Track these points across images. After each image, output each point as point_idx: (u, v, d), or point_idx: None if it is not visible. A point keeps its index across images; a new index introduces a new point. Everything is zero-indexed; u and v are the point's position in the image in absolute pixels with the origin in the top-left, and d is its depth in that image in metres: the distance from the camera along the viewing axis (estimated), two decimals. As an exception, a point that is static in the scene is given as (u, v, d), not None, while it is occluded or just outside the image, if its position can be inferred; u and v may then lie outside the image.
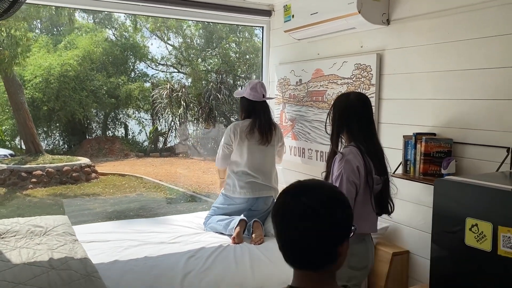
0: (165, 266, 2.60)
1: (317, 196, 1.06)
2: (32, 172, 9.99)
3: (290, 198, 1.08)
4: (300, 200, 1.05)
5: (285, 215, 1.06)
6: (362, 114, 2.14)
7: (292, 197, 1.07)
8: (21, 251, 2.62)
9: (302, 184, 1.10)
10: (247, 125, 3.32)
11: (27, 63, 12.04)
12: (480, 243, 1.68)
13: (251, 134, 3.30)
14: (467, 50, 2.33)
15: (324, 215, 1.03)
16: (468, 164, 2.35)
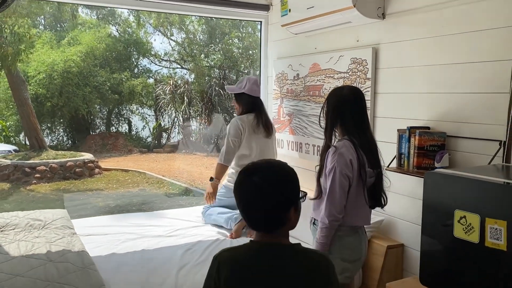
0: (161, 259, 2.63)
1: (265, 176, 1.28)
2: (36, 167, 10.07)
3: (244, 177, 1.31)
4: (252, 180, 1.28)
5: (241, 192, 1.31)
6: (356, 108, 2.15)
7: (246, 177, 1.30)
8: (20, 244, 2.66)
9: (254, 165, 1.33)
10: (252, 119, 3.41)
11: (31, 59, 12.09)
12: (468, 235, 1.70)
13: (258, 128, 3.41)
14: (461, 44, 2.33)
15: (271, 192, 1.26)
16: (462, 157, 2.36)
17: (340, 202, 2.02)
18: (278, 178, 1.29)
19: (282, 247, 1.29)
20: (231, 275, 1.25)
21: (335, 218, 2.02)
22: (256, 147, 3.39)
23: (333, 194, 2.02)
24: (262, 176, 1.28)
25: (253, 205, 1.28)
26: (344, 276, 2.11)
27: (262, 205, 1.27)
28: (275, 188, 1.27)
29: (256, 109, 3.45)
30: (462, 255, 1.75)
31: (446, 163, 2.33)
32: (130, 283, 2.32)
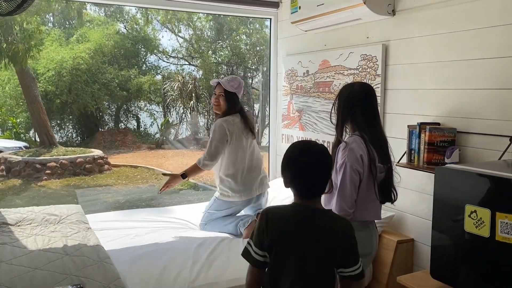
0: (175, 253, 2.68)
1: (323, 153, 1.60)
2: (47, 163, 10.18)
3: (305, 153, 1.59)
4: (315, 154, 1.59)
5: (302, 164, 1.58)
6: (366, 103, 2.17)
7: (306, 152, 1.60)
8: (37, 238, 2.73)
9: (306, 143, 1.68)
10: (239, 121, 3.16)
11: (40, 56, 12.20)
12: (478, 229, 1.72)
13: (246, 131, 3.17)
14: (471, 40, 2.35)
15: (327, 165, 1.62)
16: (472, 153, 2.38)
17: (351, 197, 2.05)
18: (328, 155, 1.63)
19: (318, 210, 1.63)
20: (278, 228, 1.56)
21: (346, 213, 2.05)
22: (246, 151, 3.17)
23: (344, 189, 2.05)
24: (320, 152, 1.60)
25: (313, 176, 1.58)
26: (355, 270, 2.14)
27: (320, 176, 1.60)
28: (329, 162, 1.63)
29: (241, 110, 3.22)
30: (473, 249, 1.78)
31: (456, 158, 2.35)
32: (145, 276, 2.37)
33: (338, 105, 2.23)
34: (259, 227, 1.58)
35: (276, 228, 1.56)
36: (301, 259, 1.55)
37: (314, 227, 1.57)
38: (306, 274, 1.55)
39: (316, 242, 1.55)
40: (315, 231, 1.57)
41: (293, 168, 1.60)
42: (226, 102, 3.16)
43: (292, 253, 1.55)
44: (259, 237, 1.58)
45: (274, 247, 1.56)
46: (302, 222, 1.58)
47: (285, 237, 1.56)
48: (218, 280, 2.41)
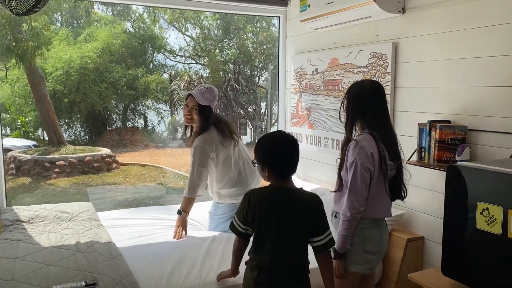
0: (186, 250, 2.70)
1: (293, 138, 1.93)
2: (55, 162, 10.26)
3: (282, 140, 1.90)
4: (290, 140, 1.91)
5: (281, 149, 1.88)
6: (376, 101, 2.17)
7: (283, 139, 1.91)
8: (50, 235, 2.76)
9: (280, 132, 1.99)
10: (216, 134, 2.95)
11: (48, 56, 12.30)
12: (490, 227, 1.73)
13: (227, 140, 2.97)
14: (482, 38, 2.34)
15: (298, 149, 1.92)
16: (483, 150, 2.37)
17: (362, 195, 2.05)
18: (296, 144, 1.92)
19: (291, 189, 1.91)
20: (258, 204, 1.87)
21: (357, 211, 2.06)
22: (231, 159, 3.00)
23: (355, 187, 2.05)
24: (292, 138, 1.91)
25: (290, 158, 1.89)
26: (366, 268, 2.15)
27: (296, 158, 1.90)
28: (298, 150, 1.92)
29: (214, 120, 2.99)
30: (485, 246, 1.78)
31: (467, 156, 2.35)
32: (157, 272, 2.39)
33: (347, 103, 2.22)
34: (242, 206, 1.92)
35: (257, 206, 1.86)
36: (279, 232, 1.84)
37: (288, 203, 1.86)
38: (284, 244, 1.85)
39: (291, 216, 1.85)
40: (289, 206, 1.86)
41: (272, 154, 1.88)
42: (200, 116, 2.90)
43: (271, 227, 1.85)
44: (242, 214, 1.92)
45: (257, 222, 1.87)
46: (278, 200, 1.88)
47: (265, 214, 1.86)
48: (230, 277, 2.42)
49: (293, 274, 1.88)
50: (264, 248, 1.86)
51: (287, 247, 1.85)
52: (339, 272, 2.13)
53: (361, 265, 2.14)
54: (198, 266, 2.49)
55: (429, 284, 2.01)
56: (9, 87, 13.41)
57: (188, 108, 2.92)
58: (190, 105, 2.92)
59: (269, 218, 1.86)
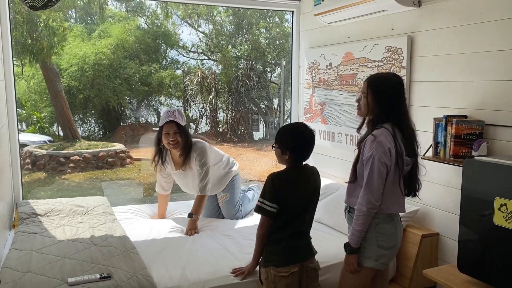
0: (199, 244, 2.72)
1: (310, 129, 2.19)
2: (70, 157, 10.38)
3: (303, 130, 2.17)
4: (308, 129, 2.18)
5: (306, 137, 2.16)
6: (400, 95, 2.14)
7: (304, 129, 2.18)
8: (65, 228, 2.80)
9: (299, 123, 2.30)
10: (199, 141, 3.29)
11: (64, 52, 12.42)
12: (508, 223, 1.70)
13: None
14: (499, 31, 2.30)
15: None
16: (500, 146, 2.33)
17: (378, 190, 2.03)
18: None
19: (307, 166, 2.25)
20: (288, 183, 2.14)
21: (373, 206, 2.04)
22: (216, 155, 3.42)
23: (371, 181, 2.03)
24: (311, 129, 2.19)
25: (310, 146, 2.17)
26: (380, 263, 2.13)
27: (312, 147, 2.18)
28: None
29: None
30: (502, 242, 1.75)
31: (484, 151, 2.31)
32: (171, 266, 2.40)
33: (375, 98, 2.12)
34: (270, 187, 2.12)
35: (287, 184, 2.13)
36: (307, 202, 2.19)
37: (311, 179, 2.20)
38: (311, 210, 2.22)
39: (313, 187, 2.21)
40: (312, 182, 2.20)
41: (295, 140, 2.14)
42: (183, 136, 3.10)
43: (301, 199, 2.16)
44: (271, 194, 2.11)
45: (290, 198, 2.12)
46: (304, 178, 2.19)
47: (295, 188, 2.14)
48: (243, 271, 2.43)
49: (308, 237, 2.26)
50: (300, 218, 2.16)
51: (312, 212, 2.22)
52: (353, 267, 2.11)
53: (375, 260, 2.12)
54: (212, 260, 2.50)
55: (444, 280, 1.99)
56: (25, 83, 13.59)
57: (171, 134, 3.06)
58: (172, 132, 3.06)
59: (298, 191, 2.15)
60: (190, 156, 3.16)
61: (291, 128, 2.26)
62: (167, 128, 3.06)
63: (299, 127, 2.20)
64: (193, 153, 3.17)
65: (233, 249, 2.68)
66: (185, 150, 3.13)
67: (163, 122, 3.07)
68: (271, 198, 2.11)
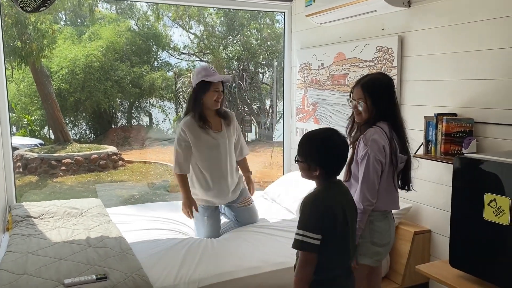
0: (194, 244, 2.73)
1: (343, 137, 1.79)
2: (62, 160, 10.32)
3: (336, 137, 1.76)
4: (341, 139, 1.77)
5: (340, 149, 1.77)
6: (393, 94, 2.18)
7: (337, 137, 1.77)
8: (60, 230, 2.80)
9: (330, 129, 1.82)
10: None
11: (53, 55, 12.34)
12: (498, 218, 1.74)
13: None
14: (488, 30, 2.35)
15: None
16: (489, 143, 2.38)
17: (374, 187, 2.07)
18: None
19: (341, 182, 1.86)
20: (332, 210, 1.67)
21: (370, 203, 2.07)
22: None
23: (367, 179, 2.06)
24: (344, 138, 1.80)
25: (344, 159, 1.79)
26: (374, 260, 2.17)
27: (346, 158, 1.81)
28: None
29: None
30: (492, 237, 1.79)
31: (473, 149, 2.36)
32: (166, 266, 2.42)
33: (373, 101, 2.14)
34: (314, 216, 1.66)
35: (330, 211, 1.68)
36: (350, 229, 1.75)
37: (348, 196, 1.83)
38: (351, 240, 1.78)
39: (351, 207, 1.81)
40: (350, 199, 1.83)
41: (330, 150, 1.74)
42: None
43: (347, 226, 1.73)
44: (315, 223, 1.65)
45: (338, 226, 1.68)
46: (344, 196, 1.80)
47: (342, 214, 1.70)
48: (238, 269, 2.45)
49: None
50: (345, 251, 1.74)
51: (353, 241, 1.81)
52: (353, 265, 2.14)
53: (369, 257, 2.15)
54: (205, 260, 2.52)
55: (437, 275, 2.02)
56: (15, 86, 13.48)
57: (219, 92, 2.94)
58: (220, 89, 2.95)
59: (345, 217, 1.71)
60: (227, 113, 3.06)
61: (321, 138, 1.76)
62: (217, 86, 2.91)
63: (332, 136, 1.76)
64: (228, 111, 3.10)
65: (229, 248, 2.70)
66: (221, 107, 3.03)
67: (216, 80, 2.89)
68: (314, 227, 1.64)
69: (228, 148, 3.04)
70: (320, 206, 1.67)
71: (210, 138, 2.96)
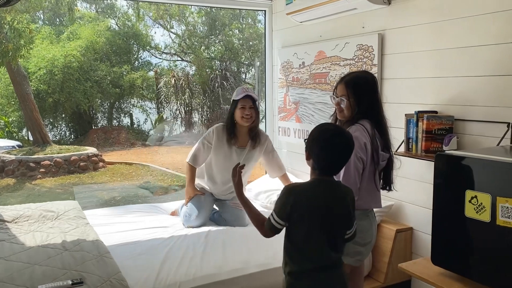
0: (173, 247, 2.68)
1: (348, 136, 1.77)
2: (40, 162, 10.10)
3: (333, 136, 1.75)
4: (341, 138, 1.75)
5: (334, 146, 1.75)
6: (376, 92, 2.16)
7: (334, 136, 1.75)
8: (35, 234, 2.71)
9: (336, 126, 1.91)
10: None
11: (31, 55, 12.07)
12: (479, 214, 1.73)
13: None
14: (467, 27, 2.35)
15: (352, 148, 1.78)
16: (470, 140, 2.39)
17: (355, 185, 2.04)
18: (353, 141, 1.78)
19: (335, 182, 1.81)
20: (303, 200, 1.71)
21: None
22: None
23: (348, 177, 2.04)
24: (349, 137, 1.76)
25: (340, 157, 1.76)
26: (356, 259, 2.15)
27: (345, 158, 1.77)
28: (353, 147, 1.78)
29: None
30: (474, 234, 1.79)
31: (454, 146, 2.36)
32: (146, 269, 2.36)
33: (356, 99, 2.12)
34: (282, 202, 1.73)
35: (301, 201, 1.70)
36: (328, 227, 1.72)
37: (336, 197, 1.76)
38: (333, 239, 1.75)
39: (338, 210, 1.75)
40: (337, 200, 1.76)
41: (323, 147, 1.74)
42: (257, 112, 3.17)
43: (320, 223, 1.71)
44: (282, 210, 1.72)
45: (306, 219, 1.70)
46: (320, 193, 1.75)
47: (313, 208, 1.71)
48: (219, 271, 2.40)
49: (339, 269, 1.80)
50: (322, 247, 1.72)
51: (336, 241, 1.76)
52: None
53: (351, 256, 2.13)
54: (186, 262, 2.47)
55: (419, 273, 2.01)
56: (-9, 86, 13.17)
57: (246, 108, 3.09)
58: (248, 106, 3.09)
59: (318, 213, 1.71)
60: (259, 136, 3.22)
61: (323, 135, 1.77)
62: (244, 102, 3.09)
63: (332, 138, 1.75)
64: (262, 135, 3.26)
65: (211, 249, 2.66)
66: (255, 128, 3.20)
67: (240, 97, 3.09)
68: (279, 212, 1.73)
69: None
70: (290, 197, 1.71)
71: (229, 150, 3.18)
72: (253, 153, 3.23)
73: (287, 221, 1.73)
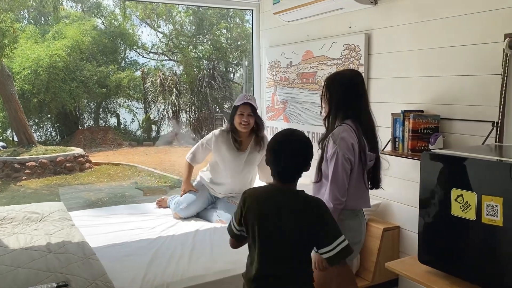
0: (161, 248, 2.66)
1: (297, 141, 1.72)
2: (26, 163, 9.96)
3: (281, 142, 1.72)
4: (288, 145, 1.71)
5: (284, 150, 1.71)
6: (359, 90, 2.15)
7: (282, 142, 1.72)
8: (19, 236, 2.67)
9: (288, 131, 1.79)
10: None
11: (15, 54, 11.89)
12: (465, 213, 1.74)
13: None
14: (453, 27, 2.37)
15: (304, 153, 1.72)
16: (455, 139, 2.40)
17: (343, 185, 2.04)
18: (307, 146, 1.73)
19: (290, 191, 1.72)
20: (252, 205, 1.69)
21: (339, 202, 2.04)
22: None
23: (336, 177, 2.03)
24: (299, 142, 1.72)
25: (288, 163, 1.69)
26: (345, 259, 2.14)
27: (294, 164, 1.71)
28: (306, 153, 1.72)
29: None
30: (460, 232, 1.80)
31: (440, 145, 2.38)
32: (132, 271, 2.33)
33: (330, 94, 2.15)
34: (238, 205, 1.76)
35: (251, 206, 1.70)
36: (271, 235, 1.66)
37: (285, 205, 1.68)
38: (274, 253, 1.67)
39: (287, 219, 1.65)
40: (286, 209, 1.67)
41: (273, 154, 1.72)
42: (256, 119, 3.29)
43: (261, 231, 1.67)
44: (237, 214, 1.76)
45: (250, 222, 1.69)
46: (272, 200, 1.71)
47: (257, 214, 1.68)
48: (206, 273, 2.39)
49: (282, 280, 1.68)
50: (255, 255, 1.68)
51: (279, 256, 1.65)
52: (322, 265, 2.11)
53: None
54: (173, 263, 2.45)
55: (406, 272, 2.02)
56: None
57: (245, 115, 3.22)
58: (246, 113, 3.22)
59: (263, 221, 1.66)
60: (262, 139, 3.32)
61: (273, 137, 1.77)
62: (242, 109, 3.22)
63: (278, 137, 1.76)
64: (267, 141, 3.24)
65: (199, 250, 2.64)
66: (255, 132, 3.31)
67: (239, 103, 3.22)
68: (235, 216, 1.76)
69: (242, 168, 3.32)
70: (243, 200, 1.73)
71: (228, 153, 3.30)
72: (254, 156, 3.33)
73: (242, 226, 1.73)
